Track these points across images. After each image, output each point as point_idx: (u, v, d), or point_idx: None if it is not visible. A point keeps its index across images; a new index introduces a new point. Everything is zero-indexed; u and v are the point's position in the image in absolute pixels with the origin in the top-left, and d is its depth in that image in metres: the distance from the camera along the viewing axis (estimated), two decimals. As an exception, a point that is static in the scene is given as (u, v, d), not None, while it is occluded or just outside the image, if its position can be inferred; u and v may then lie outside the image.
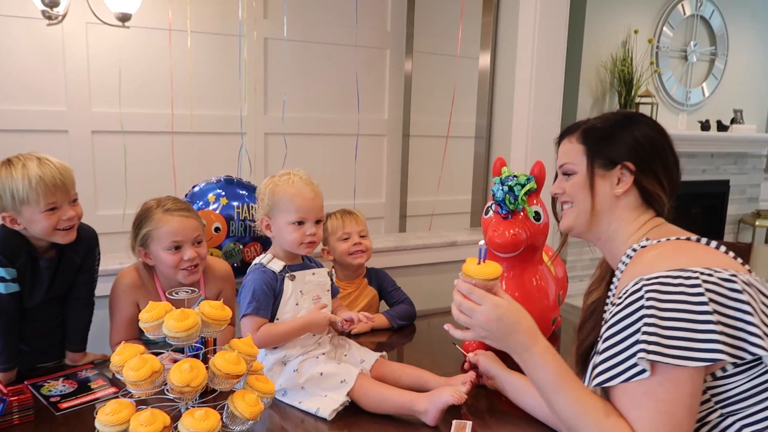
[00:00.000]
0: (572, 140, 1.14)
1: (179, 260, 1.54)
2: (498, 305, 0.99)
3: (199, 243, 1.58)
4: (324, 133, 3.37)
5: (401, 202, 3.69)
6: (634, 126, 1.10)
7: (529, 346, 0.99)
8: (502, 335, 1.00)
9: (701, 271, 0.90)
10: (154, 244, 1.55)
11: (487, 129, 2.84)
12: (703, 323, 0.87)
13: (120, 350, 1.10)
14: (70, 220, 1.42)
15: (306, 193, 1.47)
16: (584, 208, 1.11)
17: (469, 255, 2.54)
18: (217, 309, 1.12)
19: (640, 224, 1.08)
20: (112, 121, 2.80)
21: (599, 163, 1.09)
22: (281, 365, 1.44)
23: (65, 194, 1.40)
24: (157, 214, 1.54)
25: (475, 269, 1.01)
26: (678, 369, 0.87)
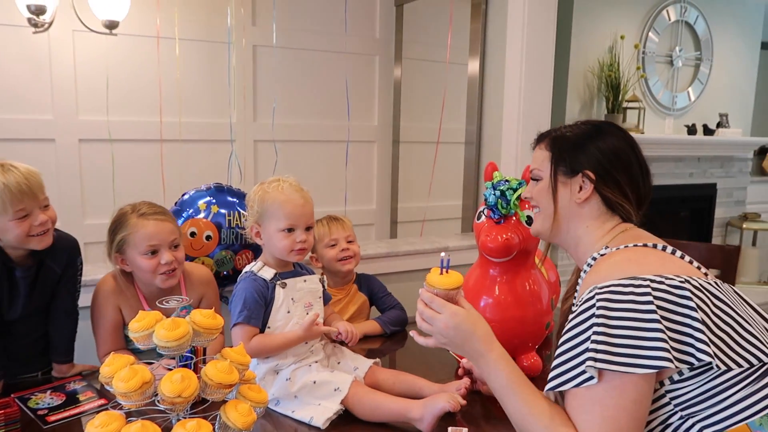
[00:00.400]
0: (542, 147, 1.19)
1: (156, 264, 1.52)
2: (455, 314, 1.05)
3: (176, 247, 1.56)
4: (314, 140, 3.36)
5: (392, 208, 3.69)
6: (601, 137, 1.13)
7: (484, 352, 1.05)
8: (460, 342, 1.06)
9: (651, 278, 0.93)
10: (130, 249, 1.52)
11: (477, 134, 2.85)
12: (649, 331, 0.90)
13: (109, 361, 1.08)
14: (42, 225, 1.39)
15: (296, 199, 1.45)
16: (548, 214, 1.16)
17: (462, 260, 2.56)
18: (208, 318, 1.11)
19: (605, 231, 1.11)
20: (99, 130, 2.77)
21: (562, 171, 1.14)
22: (273, 374, 1.43)
23: (33, 200, 1.37)
24: (133, 219, 1.52)
25: (437, 279, 1.06)
26: (624, 376, 0.89)
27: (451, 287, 1.06)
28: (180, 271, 1.58)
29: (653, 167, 1.17)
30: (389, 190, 3.67)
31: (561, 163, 1.14)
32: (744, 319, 0.97)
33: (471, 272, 1.66)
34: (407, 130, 3.61)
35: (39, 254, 1.44)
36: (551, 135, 1.19)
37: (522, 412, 1.00)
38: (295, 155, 3.30)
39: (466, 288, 1.64)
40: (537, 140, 1.22)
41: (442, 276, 1.07)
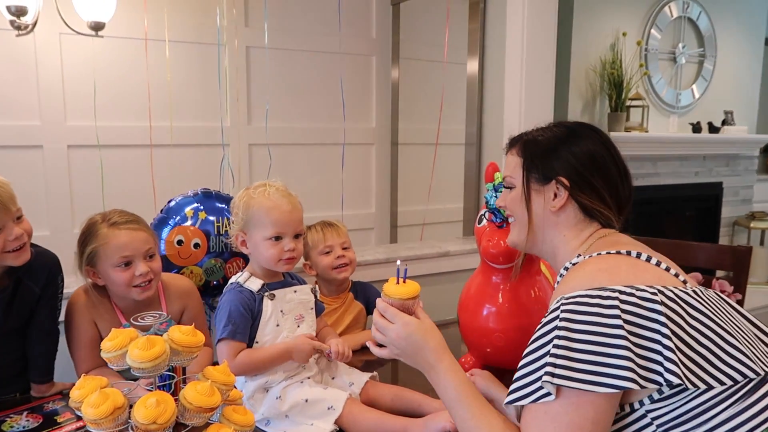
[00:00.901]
0: (514, 152, 1.13)
1: (131, 277, 1.42)
2: (407, 324, 1.02)
3: (151, 257, 1.47)
4: (310, 143, 3.28)
5: (392, 212, 3.60)
6: (575, 140, 1.07)
7: (435, 363, 1.01)
8: (411, 353, 1.03)
9: (620, 290, 0.87)
10: (101, 262, 1.43)
11: (477, 135, 2.78)
12: (614, 347, 0.83)
13: (80, 383, 0.99)
14: (18, 239, 1.29)
15: (283, 205, 1.37)
16: (522, 223, 1.11)
17: (463, 265, 2.47)
18: (188, 335, 1.02)
19: (583, 239, 1.06)
20: (88, 135, 2.69)
21: (534, 177, 1.08)
22: (263, 392, 1.34)
23: (5, 213, 1.26)
24: (103, 229, 1.42)
25: (392, 289, 1.04)
26: (582, 394, 0.83)
27: (405, 297, 1.03)
28: (156, 283, 1.49)
29: (658, 166, 1.10)
30: (389, 193, 3.58)
31: (533, 170, 1.08)
32: (727, 330, 0.88)
33: (473, 279, 1.58)
34: (406, 132, 3.53)
35: (16, 272, 1.35)
36: (522, 139, 1.12)
37: (471, 425, 0.96)
38: (291, 159, 3.22)
39: (467, 295, 1.56)
40: (508, 145, 1.16)
41: (398, 286, 1.04)
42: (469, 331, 1.54)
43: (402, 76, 3.48)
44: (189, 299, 1.59)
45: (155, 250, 1.49)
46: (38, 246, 1.40)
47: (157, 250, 1.51)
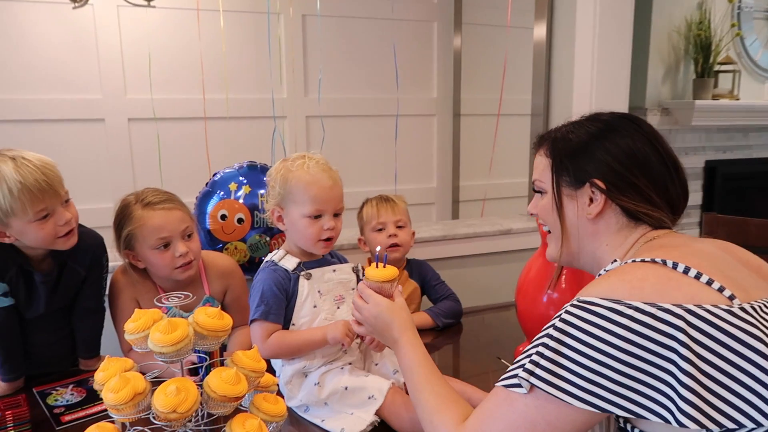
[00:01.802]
0: (542, 152, 1.01)
1: (171, 258, 1.38)
2: (378, 304, 1.08)
3: (189, 236, 1.41)
4: (367, 115, 3.17)
5: (453, 186, 3.46)
6: (610, 136, 0.94)
7: (397, 338, 1.06)
8: (380, 330, 1.09)
9: (638, 307, 0.75)
10: (139, 244, 1.38)
11: (544, 106, 2.59)
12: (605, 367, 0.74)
13: (104, 365, 0.95)
14: (67, 224, 1.26)
15: (323, 180, 1.27)
16: (556, 235, 0.99)
17: (526, 244, 2.32)
18: (213, 318, 0.96)
19: (629, 246, 0.93)
20: (147, 108, 2.70)
21: (565, 181, 0.96)
22: (301, 377, 1.27)
23: (55, 197, 1.23)
24: (137, 211, 1.37)
25: (372, 272, 1.11)
26: (552, 399, 0.78)
27: (382, 280, 1.10)
28: (197, 262, 1.44)
29: (749, 138, 0.92)
30: (450, 167, 3.44)
31: (563, 172, 0.95)
32: None
33: (533, 261, 1.44)
34: (469, 102, 3.36)
35: (61, 255, 1.32)
36: (551, 137, 0.99)
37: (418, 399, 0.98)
38: (347, 131, 3.13)
39: (526, 279, 1.43)
40: (536, 144, 1.04)
41: (377, 270, 1.11)
42: (528, 319, 1.40)
43: (465, 43, 3.30)
44: (231, 279, 1.54)
45: (193, 228, 1.44)
46: (82, 226, 1.38)
47: (195, 228, 1.46)
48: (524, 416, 0.80)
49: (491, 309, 1.96)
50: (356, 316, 1.12)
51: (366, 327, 1.11)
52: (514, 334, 1.66)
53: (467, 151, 3.41)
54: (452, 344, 1.68)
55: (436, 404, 0.95)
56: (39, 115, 2.59)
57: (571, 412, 0.77)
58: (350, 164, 3.14)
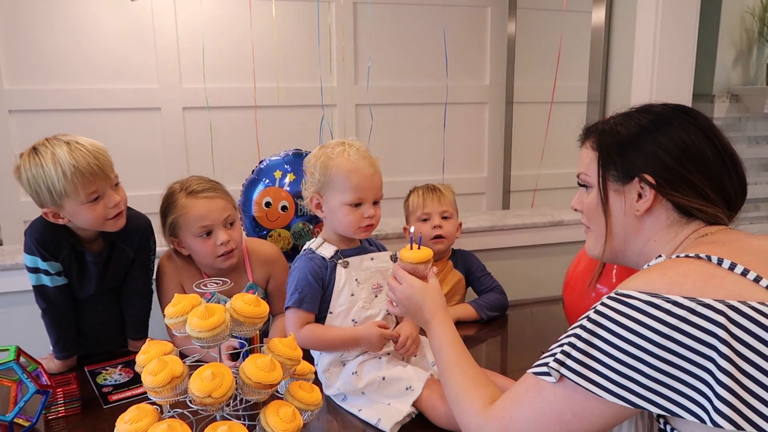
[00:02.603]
0: (588, 145, 0.97)
1: (213, 246, 1.40)
2: (411, 285, 1.09)
3: (231, 224, 1.44)
4: (418, 103, 3.13)
5: (504, 176, 3.39)
6: (662, 128, 0.89)
7: (429, 319, 1.07)
8: (413, 311, 1.10)
9: (676, 301, 0.72)
10: (182, 232, 1.42)
11: (601, 93, 2.48)
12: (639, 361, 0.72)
13: (145, 348, 0.97)
14: (117, 207, 1.30)
15: (364, 168, 1.25)
16: (599, 232, 0.95)
17: (577, 236, 2.24)
18: (250, 304, 0.96)
19: (679, 242, 0.88)
20: (201, 97, 2.76)
21: (612, 176, 0.91)
22: (339, 366, 1.27)
23: (105, 180, 1.27)
24: (181, 199, 1.39)
25: (406, 254, 1.11)
26: (580, 390, 0.77)
27: (416, 261, 1.10)
28: (239, 251, 1.46)
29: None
30: (502, 156, 3.37)
31: (611, 167, 0.91)
32: None
33: (582, 255, 1.39)
34: (522, 90, 3.26)
35: (111, 237, 1.37)
36: (598, 130, 0.96)
37: (447, 380, 0.99)
38: (398, 120, 3.11)
39: (575, 273, 1.38)
40: (582, 136, 1.00)
41: (411, 251, 1.11)
42: (575, 314, 1.35)
43: (519, 28, 3.21)
44: (274, 266, 1.56)
45: (235, 217, 1.45)
46: (131, 209, 1.42)
47: (238, 217, 1.47)
48: (551, 405, 0.80)
49: (539, 302, 1.91)
50: (390, 297, 1.14)
51: (400, 307, 1.13)
52: (561, 329, 1.59)
53: (520, 140, 3.33)
54: (497, 338, 1.64)
55: (464, 385, 0.95)
56: (99, 104, 2.68)
57: (599, 405, 0.76)
58: (399, 153, 3.12)
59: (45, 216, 1.29)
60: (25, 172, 1.24)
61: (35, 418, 1.14)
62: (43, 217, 1.31)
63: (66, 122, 2.61)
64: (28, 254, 1.32)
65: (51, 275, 1.32)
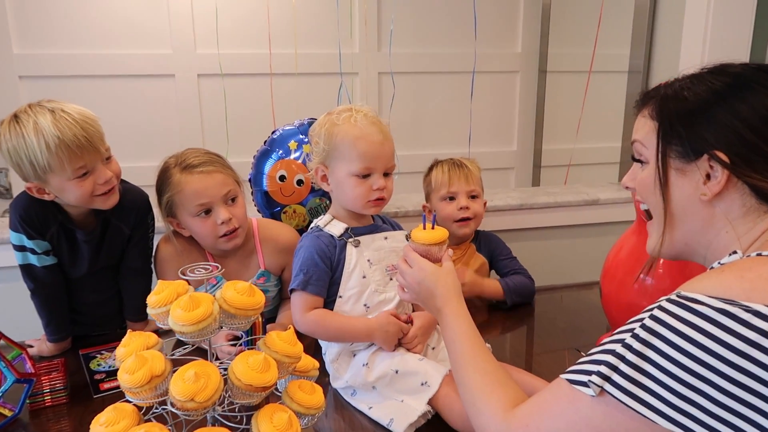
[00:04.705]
0: (646, 113, 0.80)
1: (213, 226, 1.29)
2: (422, 269, 0.98)
3: (233, 200, 1.32)
4: (445, 71, 2.96)
5: (535, 150, 3.21)
6: (740, 94, 0.72)
7: (441, 307, 0.95)
8: (424, 297, 0.99)
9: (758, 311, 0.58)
10: (180, 211, 1.30)
11: (645, 62, 2.28)
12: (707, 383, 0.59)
13: (125, 340, 0.86)
14: (107, 183, 1.18)
15: (372, 135, 1.12)
16: (658, 219, 0.80)
17: (615, 216, 2.08)
18: (243, 294, 0.84)
19: (758, 233, 0.72)
20: (217, 64, 2.63)
21: (676, 151, 0.75)
22: (349, 356, 1.15)
23: (94, 153, 1.15)
24: (176, 175, 1.28)
25: (418, 234, 1.01)
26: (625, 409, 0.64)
27: (429, 242, 0.99)
28: (243, 230, 1.34)
29: None
30: (533, 128, 3.18)
31: (674, 140, 0.75)
32: None
33: (624, 240, 1.24)
34: (557, 58, 3.06)
35: (104, 213, 1.26)
36: (660, 94, 0.79)
37: (460, 375, 0.87)
38: (423, 88, 2.94)
39: (615, 260, 1.23)
40: (639, 102, 0.83)
41: (424, 231, 1.00)
42: (613, 306, 1.21)
43: (556, -9, 2.99)
44: (290, 255, 1.43)
45: (237, 192, 1.34)
46: (127, 183, 1.32)
47: (240, 192, 1.36)
48: (587, 421, 0.68)
49: (570, 288, 1.76)
50: (400, 281, 1.03)
51: (409, 293, 1.02)
52: (596, 320, 1.47)
53: (553, 111, 3.13)
54: (523, 328, 1.50)
55: (481, 384, 0.84)
56: (111, 71, 2.58)
57: (639, 425, 0.64)
58: (422, 124, 2.96)
59: (28, 191, 1.18)
60: (5, 143, 1.12)
61: (18, 409, 1.05)
62: (27, 195, 1.20)
63: (77, 89, 2.51)
64: (13, 231, 1.22)
65: (38, 254, 1.23)
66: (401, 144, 1.22)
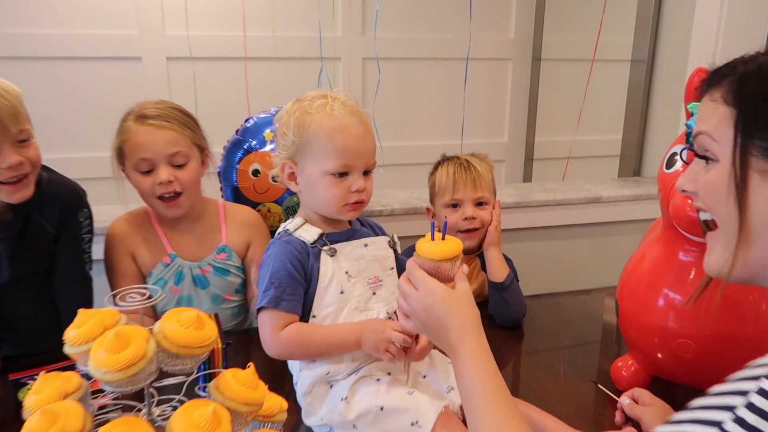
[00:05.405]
0: (717, 96, 0.64)
1: (151, 185, 1.18)
2: (431, 292, 0.78)
3: (180, 166, 1.20)
4: (432, 57, 2.77)
5: (527, 142, 3.04)
6: None
7: (455, 345, 0.76)
8: (433, 329, 0.79)
9: None
10: (126, 160, 1.21)
11: (649, 50, 2.14)
12: None
13: (37, 386, 0.68)
14: (12, 168, 1.00)
15: (351, 127, 0.95)
16: (728, 234, 0.63)
17: (617, 215, 1.92)
18: (189, 327, 0.66)
19: None
20: (187, 46, 2.42)
21: (760, 148, 0.59)
22: (325, 386, 0.97)
23: (2, 132, 0.98)
24: (129, 122, 1.20)
25: (424, 247, 0.80)
26: None
27: (439, 258, 0.79)
28: (188, 200, 1.24)
29: None
30: (525, 120, 3.02)
31: (757, 133, 0.59)
32: None
33: (647, 249, 1.07)
34: (552, 45, 2.89)
35: (24, 207, 1.09)
36: (737, 73, 0.63)
37: None
38: (409, 76, 2.75)
39: (637, 273, 1.07)
40: (706, 83, 0.67)
41: (432, 243, 0.80)
42: (635, 326, 1.05)
43: (551, -27, 2.82)
44: (255, 232, 1.34)
45: (189, 157, 1.22)
46: (55, 173, 1.15)
47: (195, 156, 1.24)
48: None
49: (572, 295, 1.60)
50: (402, 307, 0.82)
51: (414, 321, 0.81)
52: (606, 337, 1.31)
53: (546, 101, 2.97)
54: (518, 345, 1.33)
55: None
56: (71, 52, 2.36)
57: None
58: (409, 114, 2.77)
59: None
60: None
61: None
62: None
63: (33, 72, 2.30)
64: None
65: None
66: (386, 134, 1.07)
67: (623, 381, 1.06)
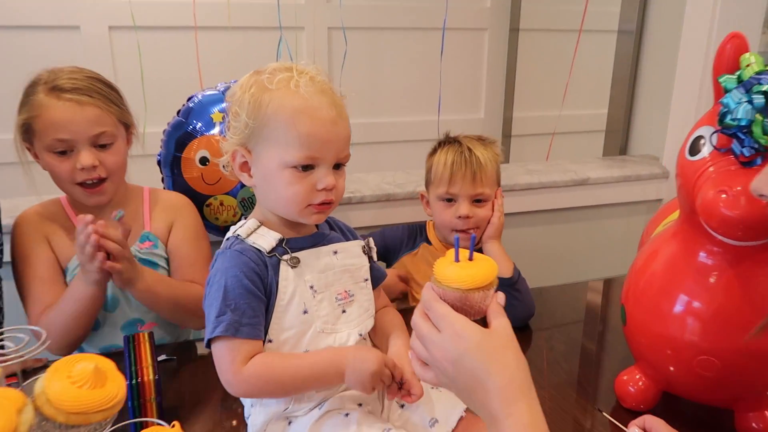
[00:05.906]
0: None
1: (71, 170, 1.03)
2: (460, 337, 0.58)
3: (104, 146, 1.05)
4: (404, 27, 2.58)
5: (505, 117, 2.88)
6: None
7: (499, 416, 0.56)
8: (464, 386, 0.59)
9: None
10: (36, 139, 1.04)
11: (638, 20, 1.99)
12: None
13: None
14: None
15: (321, 109, 0.77)
16: None
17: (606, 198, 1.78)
18: (84, 385, 0.48)
19: None
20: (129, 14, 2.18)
21: None
22: (283, 422, 0.81)
23: None
24: (40, 94, 1.02)
25: (446, 271, 0.61)
26: None
27: (468, 287, 0.59)
28: (114, 185, 1.08)
29: None
30: (502, 94, 2.85)
31: None
32: None
33: (659, 246, 0.92)
34: (532, 15, 2.72)
35: None
36: None
37: None
38: (379, 47, 2.56)
39: (648, 275, 0.92)
40: None
41: (457, 265, 0.61)
42: (644, 337, 0.90)
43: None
44: (179, 213, 1.18)
45: (115, 137, 1.06)
46: None
47: (121, 135, 1.08)
48: None
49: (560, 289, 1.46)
50: (420, 353, 0.63)
51: (435, 372, 0.62)
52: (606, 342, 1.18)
53: (525, 74, 2.81)
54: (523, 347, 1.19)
55: None
56: (3, 21, 2.10)
57: None
58: (381, 88, 2.58)
59: None
60: None
61: None
62: None
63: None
64: None
65: None
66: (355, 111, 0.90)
67: (629, 398, 0.93)
